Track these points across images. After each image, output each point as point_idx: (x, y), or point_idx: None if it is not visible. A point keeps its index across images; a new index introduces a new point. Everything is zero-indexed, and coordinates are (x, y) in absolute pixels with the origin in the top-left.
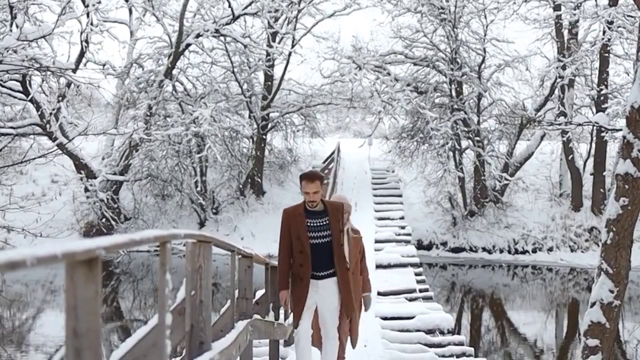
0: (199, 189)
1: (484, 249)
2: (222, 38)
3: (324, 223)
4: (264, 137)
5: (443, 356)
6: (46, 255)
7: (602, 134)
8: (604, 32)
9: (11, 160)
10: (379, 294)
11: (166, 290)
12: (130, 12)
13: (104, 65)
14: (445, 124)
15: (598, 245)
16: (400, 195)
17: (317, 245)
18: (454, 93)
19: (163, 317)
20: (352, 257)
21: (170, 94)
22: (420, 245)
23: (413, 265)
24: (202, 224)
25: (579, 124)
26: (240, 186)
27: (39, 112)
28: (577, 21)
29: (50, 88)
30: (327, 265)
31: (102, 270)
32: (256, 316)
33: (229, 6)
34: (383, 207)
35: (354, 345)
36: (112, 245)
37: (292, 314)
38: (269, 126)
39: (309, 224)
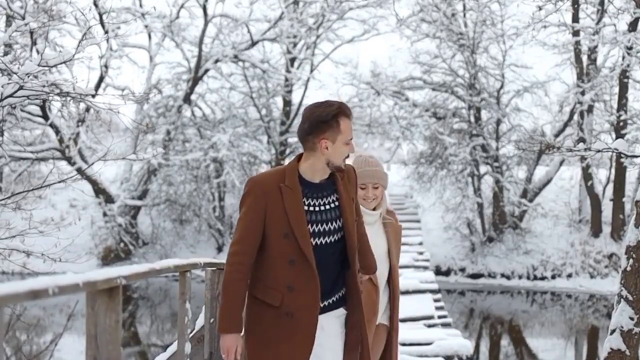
0: (217, 214)
1: (502, 275)
2: (240, 63)
3: (333, 204)
4: (282, 162)
5: None
6: (68, 284)
7: (622, 160)
8: (623, 57)
9: (30, 184)
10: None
11: (186, 319)
12: (150, 37)
13: (123, 90)
14: (463, 149)
15: (618, 272)
16: (418, 221)
17: (324, 247)
18: (472, 119)
19: (182, 345)
20: (395, 257)
21: (189, 119)
22: (438, 271)
23: (431, 291)
24: (220, 249)
25: (598, 151)
26: None
27: (58, 137)
28: (596, 47)
29: (70, 113)
30: (336, 286)
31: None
32: None
33: (248, 32)
34: (401, 232)
35: None
36: (132, 274)
37: None
38: (287, 151)
39: (310, 207)
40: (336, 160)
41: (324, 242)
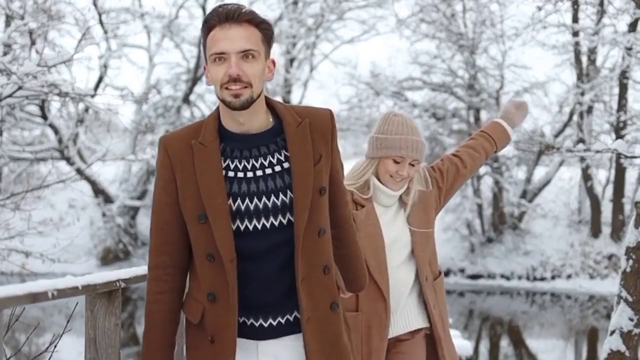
0: None
1: (502, 276)
2: None
3: (279, 167)
4: None
5: None
6: (67, 287)
7: (621, 161)
8: (623, 58)
9: (29, 184)
10: None
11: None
12: (149, 37)
13: (122, 90)
14: None
15: (617, 272)
16: None
17: (259, 235)
18: (472, 119)
19: (181, 346)
20: (426, 254)
21: (188, 119)
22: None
23: None
24: None
25: (598, 151)
26: None
27: (57, 137)
28: (596, 47)
29: (69, 113)
30: (285, 299)
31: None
32: None
33: None
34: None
35: None
36: (132, 277)
37: None
38: None
39: (238, 171)
40: (216, 91)
41: (256, 226)
